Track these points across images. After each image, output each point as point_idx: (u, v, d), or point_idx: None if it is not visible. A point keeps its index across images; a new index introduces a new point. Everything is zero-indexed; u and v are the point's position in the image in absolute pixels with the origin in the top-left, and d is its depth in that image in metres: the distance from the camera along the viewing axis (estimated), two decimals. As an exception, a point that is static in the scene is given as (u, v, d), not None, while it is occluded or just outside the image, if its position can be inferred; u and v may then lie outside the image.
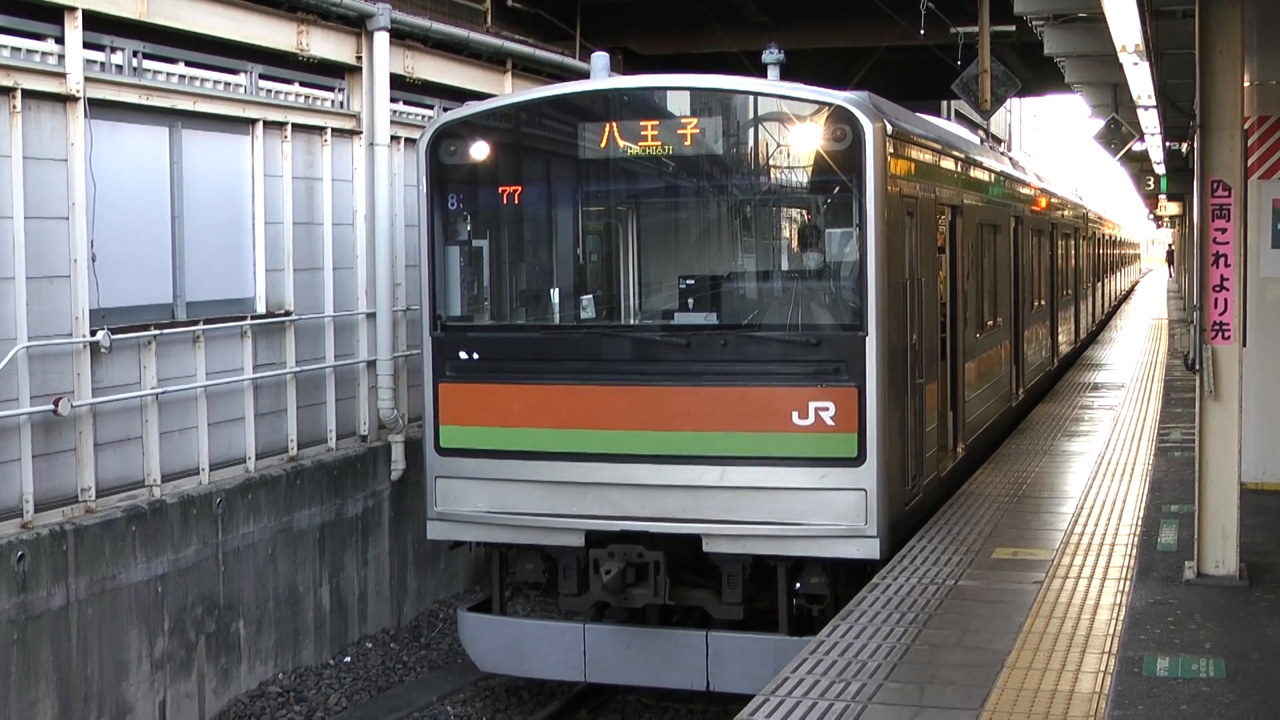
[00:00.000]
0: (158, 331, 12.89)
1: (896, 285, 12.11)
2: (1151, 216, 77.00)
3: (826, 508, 11.64)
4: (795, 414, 11.62)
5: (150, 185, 13.13)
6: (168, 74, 13.32)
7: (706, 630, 12.18)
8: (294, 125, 14.91)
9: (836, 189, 11.91)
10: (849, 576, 11.81)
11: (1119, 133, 24.37)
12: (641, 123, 12.25)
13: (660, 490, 11.95)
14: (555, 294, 13.04)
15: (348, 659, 14.97)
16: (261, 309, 14.44)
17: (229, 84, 14.16)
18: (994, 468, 15.64)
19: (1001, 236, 18.43)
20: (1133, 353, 31.33)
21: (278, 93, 14.88)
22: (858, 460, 11.57)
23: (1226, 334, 10.13)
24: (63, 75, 11.90)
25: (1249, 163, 13.11)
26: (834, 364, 11.63)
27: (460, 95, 17.37)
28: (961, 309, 15.26)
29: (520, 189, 12.91)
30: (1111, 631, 9.26)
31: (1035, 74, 26.34)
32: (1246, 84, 11.62)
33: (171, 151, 13.32)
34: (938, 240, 14.24)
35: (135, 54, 12.92)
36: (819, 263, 12.20)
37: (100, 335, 12.07)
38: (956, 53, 22.43)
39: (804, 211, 12.77)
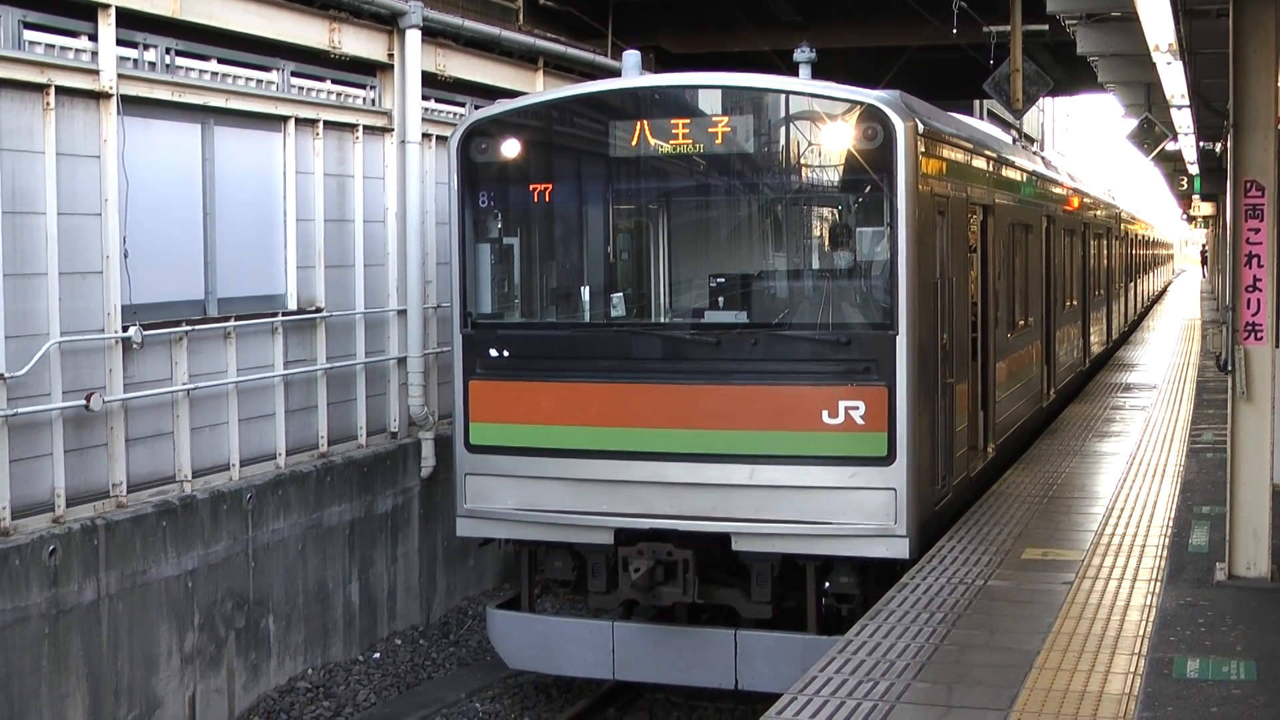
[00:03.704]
0: (189, 327, 12.94)
1: (927, 284, 12.08)
2: (1185, 217, 76.62)
3: (856, 507, 11.62)
4: (825, 413, 11.60)
5: (182, 182, 13.18)
6: (200, 71, 13.37)
7: (735, 629, 12.17)
8: (326, 123, 14.96)
9: (868, 188, 11.88)
10: (878, 576, 11.78)
11: (1152, 132, 24.26)
12: (672, 121, 12.24)
13: (690, 489, 11.94)
14: (586, 292, 13.04)
15: (376, 655, 15.00)
16: (293, 305, 14.49)
17: (261, 81, 14.21)
18: (1024, 468, 15.60)
19: (1033, 236, 18.37)
20: (1165, 353, 31.20)
21: (310, 90, 14.92)
22: (887, 459, 11.55)
23: (1259, 335, 10.07)
24: (96, 72, 11.95)
25: (1283, 163, 13.03)
26: (864, 363, 11.60)
27: (491, 93, 17.39)
28: (993, 308, 15.21)
29: (551, 187, 12.91)
30: (1141, 633, 9.22)
31: (1068, 73, 26.26)
32: (1280, 83, 11.55)
33: (204, 148, 13.37)
34: (969, 239, 14.20)
35: (168, 51, 12.97)
36: (849, 262, 12.18)
37: (132, 331, 12.12)
38: (989, 52, 22.37)
39: (835, 210, 12.75)
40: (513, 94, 16.93)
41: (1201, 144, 26.54)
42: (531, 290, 13.48)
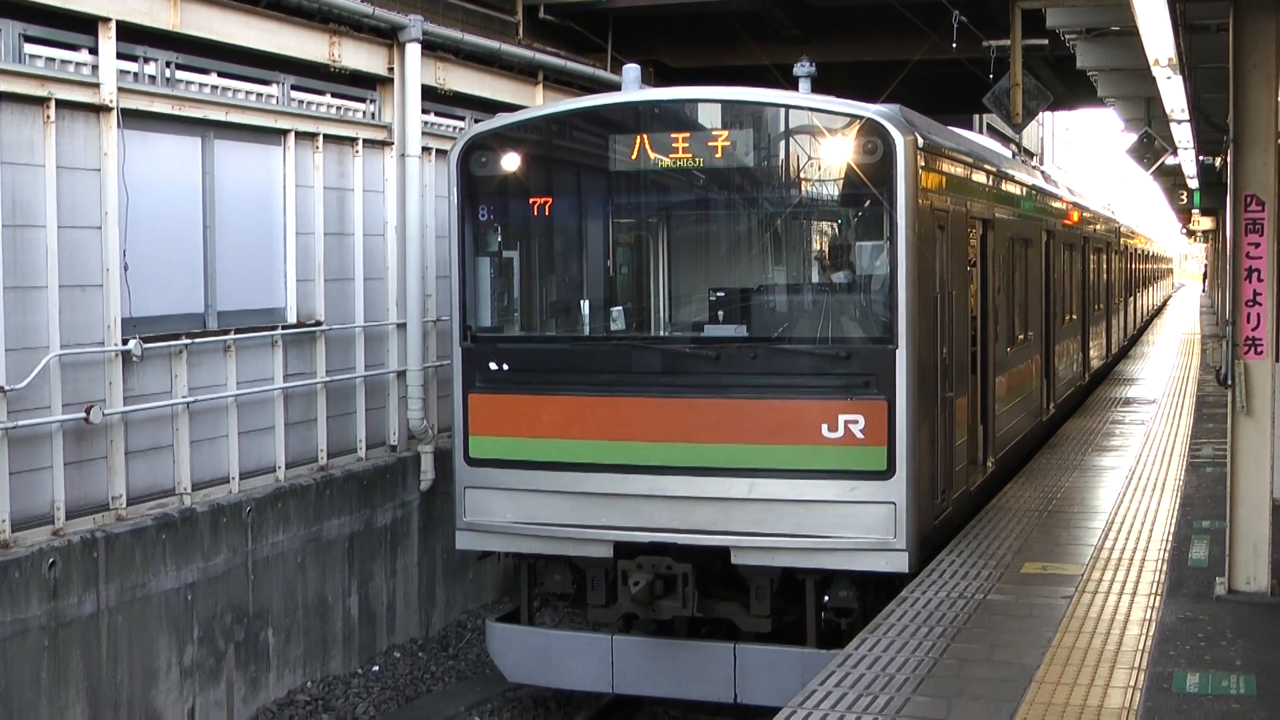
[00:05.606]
0: (189, 341, 12.94)
1: (927, 298, 12.09)
2: (1185, 231, 76.65)
3: (855, 521, 11.61)
4: (825, 427, 11.60)
5: (182, 195, 13.19)
6: (200, 85, 13.39)
7: (734, 642, 12.16)
8: (326, 136, 14.97)
9: (867, 202, 11.89)
10: (878, 590, 11.78)
11: (1152, 147, 24.26)
12: (672, 135, 12.26)
13: (689, 502, 11.94)
14: (585, 305, 13.05)
15: (376, 668, 14.99)
16: (292, 319, 14.49)
17: (261, 95, 14.22)
18: (1024, 482, 15.59)
19: (1033, 250, 18.38)
20: (1165, 368, 31.21)
21: (310, 104, 14.94)
22: (887, 473, 11.55)
23: (1259, 349, 10.08)
24: (96, 85, 11.97)
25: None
26: (864, 377, 11.60)
27: (491, 107, 17.41)
28: (992, 323, 15.22)
29: (551, 201, 12.93)
30: (1141, 647, 9.22)
31: (1068, 88, 26.24)
32: (1280, 98, 11.55)
33: (204, 162, 13.38)
34: (969, 254, 14.21)
35: (168, 64, 12.99)
36: (849, 276, 12.19)
37: (132, 344, 12.12)
38: (989, 66, 22.34)
39: (834, 224, 12.76)
40: (513, 107, 16.95)
41: (1201, 158, 26.56)
42: (531, 304, 13.49)
